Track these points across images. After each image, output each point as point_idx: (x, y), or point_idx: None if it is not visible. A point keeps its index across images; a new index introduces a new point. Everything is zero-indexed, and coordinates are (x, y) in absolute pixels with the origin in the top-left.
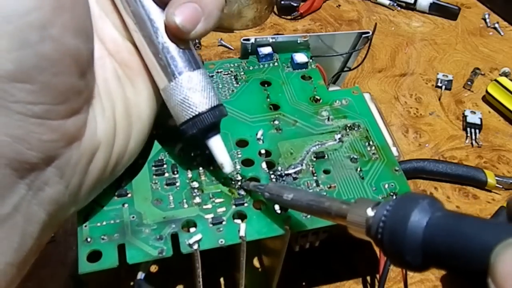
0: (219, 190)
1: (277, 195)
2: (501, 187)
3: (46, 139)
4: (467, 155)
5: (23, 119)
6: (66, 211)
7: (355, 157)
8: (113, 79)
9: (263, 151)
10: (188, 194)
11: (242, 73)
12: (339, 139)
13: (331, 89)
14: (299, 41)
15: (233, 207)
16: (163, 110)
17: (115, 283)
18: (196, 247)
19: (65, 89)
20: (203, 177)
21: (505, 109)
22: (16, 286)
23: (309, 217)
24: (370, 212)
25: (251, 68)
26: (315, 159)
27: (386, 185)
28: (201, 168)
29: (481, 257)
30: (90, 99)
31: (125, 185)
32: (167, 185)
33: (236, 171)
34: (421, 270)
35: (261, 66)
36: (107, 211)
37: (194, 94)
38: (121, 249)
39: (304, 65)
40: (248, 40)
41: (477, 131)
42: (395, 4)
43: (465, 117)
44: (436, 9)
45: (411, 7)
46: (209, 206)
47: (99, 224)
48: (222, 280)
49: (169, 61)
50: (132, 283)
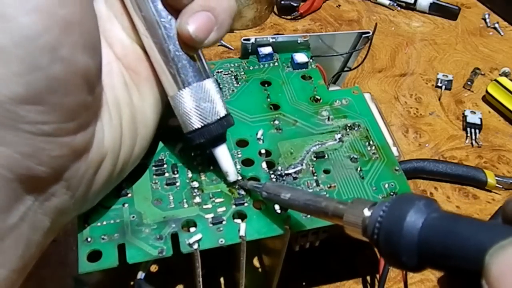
0: (219, 190)
1: (274, 195)
2: (501, 187)
3: (55, 155)
4: (467, 155)
5: (33, 138)
6: (70, 216)
7: (355, 156)
8: (120, 86)
9: (263, 151)
10: (188, 194)
11: (242, 73)
12: (339, 139)
13: (331, 89)
14: (299, 41)
15: (233, 206)
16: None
17: (115, 283)
18: (196, 246)
19: (75, 107)
20: (203, 177)
21: (505, 109)
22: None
23: (309, 217)
24: (366, 212)
25: (251, 68)
26: (315, 159)
27: (386, 185)
28: (201, 168)
29: (475, 258)
30: (98, 112)
31: (125, 185)
32: (167, 185)
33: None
34: (416, 270)
35: (261, 66)
36: (107, 211)
37: (203, 104)
38: (121, 248)
39: (304, 65)
40: (248, 40)
41: (477, 131)
42: (395, 4)
43: (465, 117)
44: (436, 9)
45: (411, 7)
46: (209, 205)
47: (99, 224)
48: (222, 280)
49: (180, 70)
50: (132, 283)
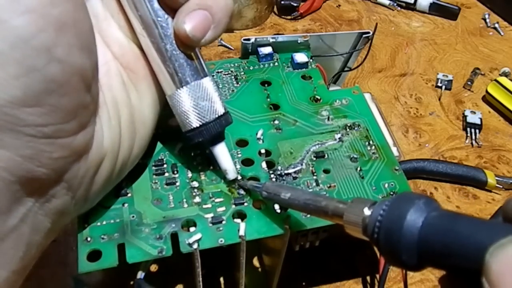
0: (219, 189)
1: (274, 194)
2: (501, 187)
3: (56, 156)
4: (467, 155)
5: (34, 140)
6: (70, 216)
7: (355, 156)
8: (118, 85)
9: (263, 151)
10: (188, 193)
11: (242, 73)
12: (339, 138)
13: (332, 89)
14: (299, 41)
15: (233, 206)
16: (163, 110)
17: (115, 282)
18: (195, 246)
19: (73, 107)
20: (203, 177)
21: (505, 109)
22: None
23: (308, 216)
24: (366, 211)
25: (251, 68)
26: (315, 159)
27: (386, 185)
28: (201, 167)
29: (475, 257)
30: (96, 111)
31: (125, 185)
32: (167, 184)
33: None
34: (417, 269)
35: (261, 66)
36: (107, 211)
37: (201, 103)
38: (121, 248)
39: (304, 65)
40: (248, 40)
41: (477, 131)
42: (395, 4)
43: (465, 117)
44: (436, 9)
45: (411, 7)
46: (209, 205)
47: (99, 223)
48: (222, 279)
49: (177, 69)
50: (132, 283)
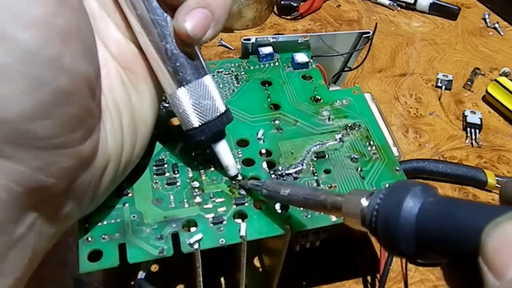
0: (219, 189)
1: (274, 192)
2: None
3: (65, 166)
4: (467, 155)
5: (44, 152)
6: (74, 220)
7: (356, 156)
8: (119, 86)
9: (263, 151)
10: (188, 193)
11: (243, 73)
12: (340, 139)
13: (332, 89)
14: (299, 41)
15: (234, 206)
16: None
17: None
18: (196, 246)
19: (81, 115)
20: (203, 177)
21: (505, 109)
22: None
23: (309, 216)
24: (364, 202)
25: (251, 68)
26: (315, 159)
27: (386, 185)
28: (201, 167)
29: (472, 239)
30: (100, 116)
31: (126, 185)
32: (168, 184)
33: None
34: (416, 258)
35: (262, 66)
36: (107, 211)
37: (202, 101)
38: (122, 248)
39: (304, 65)
40: (248, 40)
41: (477, 131)
42: (395, 4)
43: (465, 117)
44: (436, 9)
45: (411, 7)
46: (209, 205)
47: (99, 223)
48: (222, 280)
49: (178, 68)
50: (132, 283)
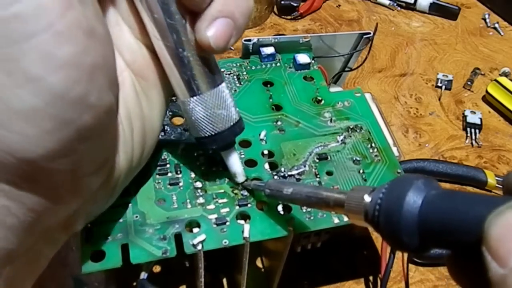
0: (222, 190)
1: (277, 191)
2: (501, 187)
3: (85, 196)
4: (467, 155)
5: (61, 186)
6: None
7: (358, 159)
8: (132, 95)
9: (266, 152)
10: (191, 194)
11: (244, 73)
12: (342, 140)
13: (333, 89)
14: (301, 42)
15: (237, 207)
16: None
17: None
18: (200, 247)
19: (104, 145)
20: (206, 177)
21: (505, 109)
22: None
23: (312, 218)
24: (367, 198)
25: (253, 68)
26: (318, 161)
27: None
28: (204, 168)
29: (475, 229)
30: (117, 135)
31: (128, 185)
32: (170, 185)
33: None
34: (420, 252)
35: (264, 66)
36: (110, 211)
37: (217, 111)
38: (124, 249)
39: (306, 66)
40: (249, 40)
41: (477, 131)
42: (395, 4)
43: (465, 117)
44: (436, 9)
45: (411, 7)
46: (212, 206)
47: (102, 223)
48: (224, 280)
49: (194, 76)
50: (135, 284)
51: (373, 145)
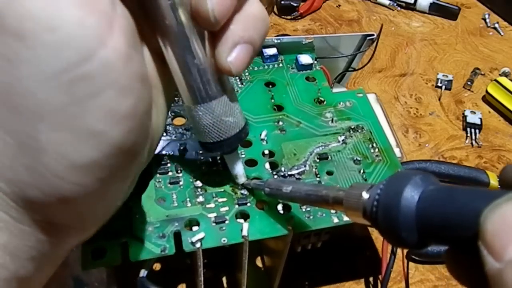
0: (222, 189)
1: (276, 189)
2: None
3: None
4: (467, 155)
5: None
6: None
7: (358, 159)
8: None
9: (266, 152)
10: (191, 193)
11: (246, 74)
12: (343, 140)
13: (336, 89)
14: (304, 42)
15: (236, 206)
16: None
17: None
18: (198, 245)
19: (128, 170)
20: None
21: (505, 109)
22: None
23: (311, 217)
24: (365, 194)
25: (255, 68)
26: (318, 160)
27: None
28: (204, 167)
29: (472, 223)
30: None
31: None
32: (171, 183)
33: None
34: (418, 247)
35: (266, 66)
36: None
37: (225, 118)
38: (124, 246)
39: (308, 67)
40: None
41: (477, 131)
42: (395, 4)
43: (465, 117)
44: (436, 9)
45: (411, 7)
46: (212, 205)
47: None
48: (224, 279)
49: (203, 84)
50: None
51: (374, 145)
